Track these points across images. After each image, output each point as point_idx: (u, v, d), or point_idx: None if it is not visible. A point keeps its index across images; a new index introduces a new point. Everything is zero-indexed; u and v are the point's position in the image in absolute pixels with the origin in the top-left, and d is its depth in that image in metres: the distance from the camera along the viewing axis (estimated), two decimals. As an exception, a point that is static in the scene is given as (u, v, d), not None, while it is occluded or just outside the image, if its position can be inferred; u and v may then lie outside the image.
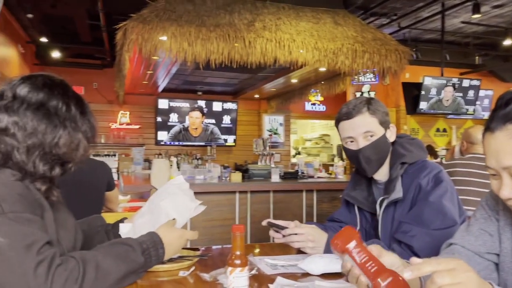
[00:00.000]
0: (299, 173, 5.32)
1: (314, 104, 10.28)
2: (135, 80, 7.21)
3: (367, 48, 5.13)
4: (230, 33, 4.60)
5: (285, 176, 5.07)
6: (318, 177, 5.42)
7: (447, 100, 7.75)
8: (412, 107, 7.73)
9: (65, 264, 0.93)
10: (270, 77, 7.19)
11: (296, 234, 1.41)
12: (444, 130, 9.14)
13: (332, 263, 1.25)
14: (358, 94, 8.65)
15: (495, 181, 0.92)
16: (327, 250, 1.39)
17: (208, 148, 7.64)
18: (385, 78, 7.21)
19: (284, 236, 1.44)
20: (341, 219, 1.70)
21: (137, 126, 9.00)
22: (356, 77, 6.92)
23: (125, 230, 1.32)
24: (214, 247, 1.66)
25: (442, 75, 7.51)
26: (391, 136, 1.51)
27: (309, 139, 12.22)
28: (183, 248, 1.38)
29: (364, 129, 1.45)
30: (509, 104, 0.88)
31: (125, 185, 4.09)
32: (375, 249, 0.85)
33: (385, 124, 1.49)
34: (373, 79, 8.36)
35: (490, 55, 9.02)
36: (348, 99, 7.81)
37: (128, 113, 8.95)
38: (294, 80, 7.19)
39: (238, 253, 1.02)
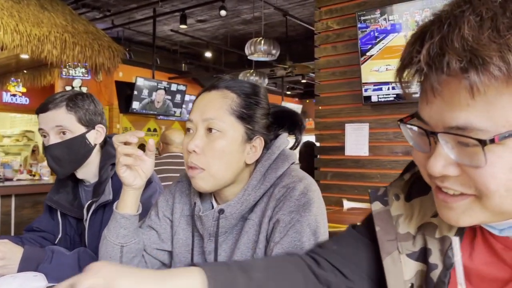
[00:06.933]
0: (-7, 176, 4.52)
1: (14, 95, 8.98)
2: None
3: (78, 40, 4.81)
4: None
5: (-28, 180, 4.22)
6: (18, 180, 4.79)
7: (159, 102, 8.19)
8: (125, 106, 7.80)
9: None
10: (-48, 58, 5.78)
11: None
12: (155, 130, 9.66)
13: (29, 281, 1.07)
14: (68, 89, 8.06)
15: (189, 136, 0.95)
16: (23, 268, 1.17)
17: None
18: (98, 75, 6.98)
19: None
20: (42, 227, 1.49)
21: None
22: (66, 69, 6.42)
23: None
24: None
25: (153, 77, 7.89)
26: (98, 138, 1.42)
27: (9, 135, 10.62)
28: None
29: (55, 123, 1.34)
30: (226, 80, 0.98)
31: None
32: None
33: (87, 123, 1.39)
34: (85, 74, 7.97)
35: (194, 64, 10.13)
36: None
37: None
38: (-13, 65, 6.04)
39: None
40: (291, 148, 1.06)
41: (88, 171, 1.41)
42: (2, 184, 4.30)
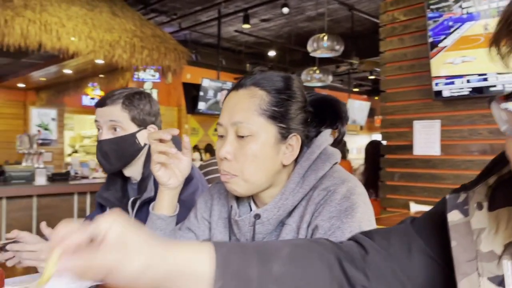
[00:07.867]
0: (72, 174, 4.84)
1: (93, 98, 9.58)
2: None
3: (146, 44, 5.02)
4: (-22, 5, 3.80)
5: (54, 178, 4.53)
6: (94, 178, 5.07)
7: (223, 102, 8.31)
8: (192, 107, 8.01)
9: None
10: (37, 65, 6.33)
11: (28, 251, 1.16)
12: (221, 130, 9.82)
13: (73, 281, 1.07)
14: (140, 91, 8.44)
15: (221, 142, 0.89)
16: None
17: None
18: (167, 77, 7.24)
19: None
20: (94, 224, 1.51)
21: None
22: (136, 73, 6.73)
23: None
24: None
25: (218, 78, 8.02)
26: (147, 138, 1.42)
27: (89, 136, 11.37)
28: None
29: (109, 118, 1.35)
30: (254, 76, 0.90)
31: None
32: None
33: (140, 122, 1.39)
34: (155, 77, 8.30)
35: (259, 64, 10.15)
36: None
37: None
38: (67, 71, 6.51)
39: None
40: (333, 145, 0.96)
41: (135, 170, 1.41)
42: (79, 182, 4.58)
